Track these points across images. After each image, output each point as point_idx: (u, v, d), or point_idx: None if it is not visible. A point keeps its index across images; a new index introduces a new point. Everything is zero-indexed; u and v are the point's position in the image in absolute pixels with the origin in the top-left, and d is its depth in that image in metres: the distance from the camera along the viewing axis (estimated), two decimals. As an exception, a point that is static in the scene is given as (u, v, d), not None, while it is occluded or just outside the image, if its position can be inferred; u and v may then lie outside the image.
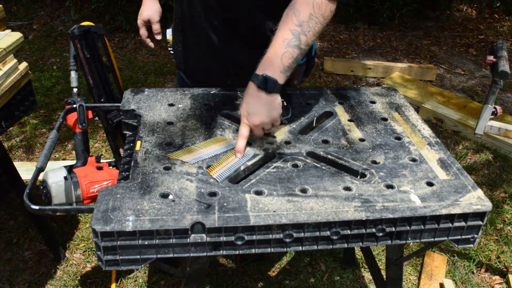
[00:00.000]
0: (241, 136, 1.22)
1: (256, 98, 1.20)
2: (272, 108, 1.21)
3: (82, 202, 1.37)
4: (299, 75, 1.62)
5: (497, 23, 5.57)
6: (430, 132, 1.39)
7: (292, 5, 1.22)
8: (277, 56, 1.19)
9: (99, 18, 4.99)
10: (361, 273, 2.16)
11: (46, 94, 3.63)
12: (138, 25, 1.65)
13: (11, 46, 1.62)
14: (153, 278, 2.09)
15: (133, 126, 1.39)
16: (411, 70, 4.14)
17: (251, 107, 1.20)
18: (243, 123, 1.23)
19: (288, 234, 1.00)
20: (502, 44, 1.82)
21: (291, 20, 1.20)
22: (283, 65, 1.19)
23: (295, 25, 1.19)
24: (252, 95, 1.20)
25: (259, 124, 1.21)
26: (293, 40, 1.19)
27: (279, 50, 1.19)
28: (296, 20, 1.19)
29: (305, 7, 1.20)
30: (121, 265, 0.99)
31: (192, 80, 1.70)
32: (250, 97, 1.21)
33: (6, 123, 1.67)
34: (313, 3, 1.20)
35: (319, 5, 1.20)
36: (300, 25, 1.19)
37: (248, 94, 1.21)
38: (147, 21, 1.63)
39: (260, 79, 1.18)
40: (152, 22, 1.63)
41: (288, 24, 1.20)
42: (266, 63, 1.20)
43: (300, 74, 1.62)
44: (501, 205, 2.61)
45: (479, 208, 1.06)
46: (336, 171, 1.18)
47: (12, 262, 2.14)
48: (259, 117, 1.20)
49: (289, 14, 1.21)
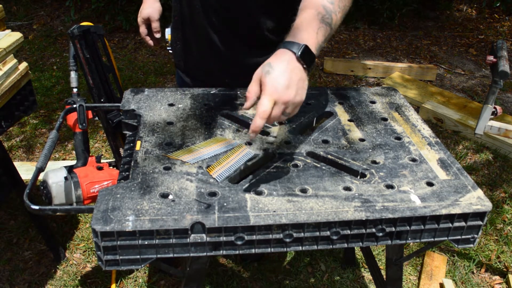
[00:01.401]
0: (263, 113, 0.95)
1: (294, 70, 0.98)
2: (305, 87, 1.01)
3: (83, 202, 1.37)
4: None
5: (497, 23, 5.57)
6: (430, 132, 1.39)
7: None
8: (313, 29, 1.03)
9: (99, 18, 4.99)
10: (361, 273, 2.16)
11: (46, 94, 3.63)
12: (138, 23, 1.66)
13: (11, 46, 1.62)
14: (153, 278, 2.09)
15: (133, 126, 1.39)
16: (411, 70, 4.14)
17: (286, 78, 0.96)
18: (267, 95, 0.96)
19: (288, 234, 1.00)
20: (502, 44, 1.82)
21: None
22: (317, 41, 1.03)
23: (327, 2, 1.09)
24: (290, 64, 0.98)
25: (289, 101, 0.97)
26: (327, 17, 1.06)
27: (315, 24, 1.03)
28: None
29: None
30: (121, 265, 0.99)
31: (191, 78, 1.71)
32: (286, 66, 0.97)
33: (6, 123, 1.67)
34: None
35: None
36: (332, 3, 1.09)
37: (283, 62, 0.98)
38: (147, 19, 1.64)
39: (301, 49, 0.98)
40: (151, 20, 1.64)
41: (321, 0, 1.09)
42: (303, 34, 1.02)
43: None
44: (501, 205, 2.61)
45: (479, 208, 1.06)
46: (336, 171, 1.18)
47: (12, 262, 2.14)
48: (293, 91, 0.97)
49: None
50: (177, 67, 1.75)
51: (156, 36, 1.67)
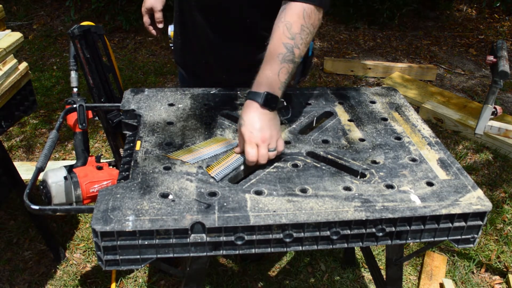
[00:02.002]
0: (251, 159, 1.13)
1: (261, 116, 1.15)
2: (277, 124, 1.18)
3: (82, 202, 1.37)
4: (296, 75, 1.63)
5: (497, 23, 5.57)
6: (430, 132, 1.39)
7: (282, 17, 1.19)
8: (274, 73, 1.16)
9: (99, 18, 4.99)
10: (361, 273, 2.16)
11: (46, 94, 3.63)
12: (142, 13, 1.69)
13: (11, 46, 1.62)
14: (153, 278, 2.09)
15: (133, 126, 1.39)
16: (411, 70, 4.14)
17: (257, 124, 1.14)
18: (248, 143, 1.14)
19: (288, 234, 1.00)
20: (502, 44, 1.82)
21: (283, 33, 1.17)
22: (280, 82, 1.17)
23: (288, 39, 1.17)
24: (256, 113, 1.15)
25: (268, 138, 1.15)
26: (287, 55, 1.17)
27: (275, 66, 1.16)
28: (288, 33, 1.17)
29: (295, 19, 1.17)
30: (121, 265, 0.99)
31: (190, 74, 1.72)
32: (254, 115, 1.15)
33: (6, 123, 1.67)
34: (304, 13, 1.18)
35: (309, 15, 1.18)
36: (293, 38, 1.17)
37: (251, 113, 1.15)
38: (150, 9, 1.67)
39: (263, 98, 1.14)
40: (154, 11, 1.67)
41: (281, 38, 1.17)
42: (264, 81, 1.17)
43: (297, 74, 1.62)
44: (501, 205, 2.61)
45: (479, 208, 1.06)
46: (336, 171, 1.18)
47: (12, 262, 2.14)
48: (268, 131, 1.15)
49: (280, 26, 1.18)
50: (177, 63, 1.77)
51: (159, 26, 1.71)
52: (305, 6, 1.18)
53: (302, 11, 1.18)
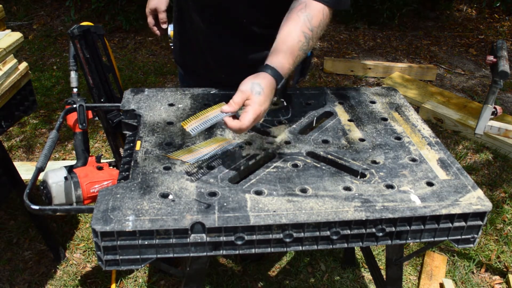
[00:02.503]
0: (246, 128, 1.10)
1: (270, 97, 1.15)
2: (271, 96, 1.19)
3: (83, 202, 1.37)
4: (295, 75, 1.63)
5: (497, 23, 5.57)
6: (430, 132, 1.39)
7: (303, 8, 1.22)
8: (293, 59, 1.19)
9: (99, 18, 4.99)
10: (361, 273, 2.16)
11: (46, 94, 3.63)
12: (146, 14, 1.70)
13: (11, 46, 1.62)
14: (153, 278, 2.09)
15: (133, 126, 1.39)
16: (411, 70, 4.14)
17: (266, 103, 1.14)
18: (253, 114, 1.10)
19: (288, 234, 1.00)
20: (502, 44, 1.82)
21: (304, 24, 1.20)
22: (290, 70, 1.20)
23: (308, 29, 1.20)
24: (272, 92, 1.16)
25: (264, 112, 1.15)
26: (304, 44, 1.20)
27: (295, 53, 1.19)
28: (309, 24, 1.21)
29: (316, 13, 1.22)
30: (121, 265, 0.99)
31: (189, 74, 1.72)
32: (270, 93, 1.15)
33: (6, 123, 1.67)
34: (323, 11, 1.23)
35: (327, 15, 1.24)
36: (311, 30, 1.21)
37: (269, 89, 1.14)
38: (154, 10, 1.68)
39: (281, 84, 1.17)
40: (158, 11, 1.67)
41: (302, 27, 1.20)
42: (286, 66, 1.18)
43: (296, 74, 1.63)
44: (501, 205, 2.61)
45: (479, 208, 1.06)
46: (336, 171, 1.18)
47: (12, 262, 2.14)
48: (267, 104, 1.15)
49: (301, 16, 1.21)
50: (176, 63, 1.77)
51: (163, 26, 1.72)
52: (324, 6, 1.24)
53: (322, 9, 1.23)
